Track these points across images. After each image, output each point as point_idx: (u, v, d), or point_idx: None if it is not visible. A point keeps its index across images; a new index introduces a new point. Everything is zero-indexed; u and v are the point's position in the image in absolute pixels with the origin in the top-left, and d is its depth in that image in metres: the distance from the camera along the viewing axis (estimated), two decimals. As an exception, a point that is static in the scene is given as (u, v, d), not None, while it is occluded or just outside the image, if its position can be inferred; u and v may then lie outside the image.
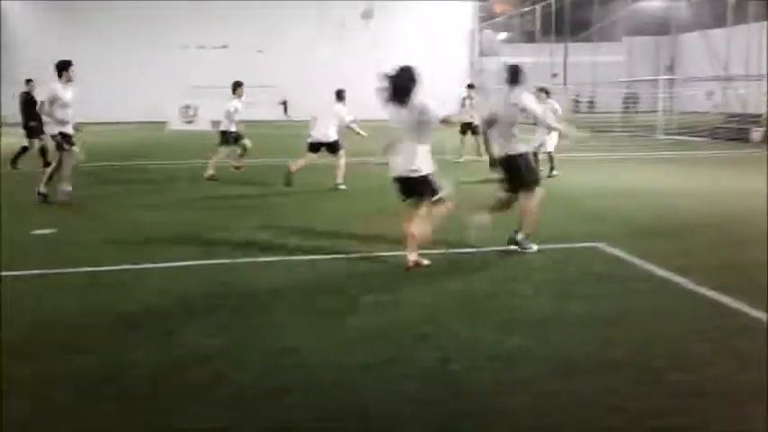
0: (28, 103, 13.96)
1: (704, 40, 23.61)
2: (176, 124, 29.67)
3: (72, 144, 9.88)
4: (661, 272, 5.97)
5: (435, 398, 3.64)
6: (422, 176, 6.06)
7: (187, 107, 30.20)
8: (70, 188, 9.90)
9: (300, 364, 4.09)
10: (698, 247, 7.08)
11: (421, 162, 6.05)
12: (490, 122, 6.90)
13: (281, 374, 3.95)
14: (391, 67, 6.01)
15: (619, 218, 8.65)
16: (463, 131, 15.67)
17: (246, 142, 13.05)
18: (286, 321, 4.83)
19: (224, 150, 12.94)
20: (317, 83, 39.68)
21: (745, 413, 3.45)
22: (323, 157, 11.60)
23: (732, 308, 5.01)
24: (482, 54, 45.47)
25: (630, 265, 6.29)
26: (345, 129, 11.76)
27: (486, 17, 49.16)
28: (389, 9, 44.40)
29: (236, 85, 12.77)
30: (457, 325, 4.72)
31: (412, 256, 6.16)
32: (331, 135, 11.47)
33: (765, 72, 22.42)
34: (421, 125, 5.97)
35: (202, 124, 26.35)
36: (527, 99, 6.84)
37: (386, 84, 6.03)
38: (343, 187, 11.22)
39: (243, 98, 12.85)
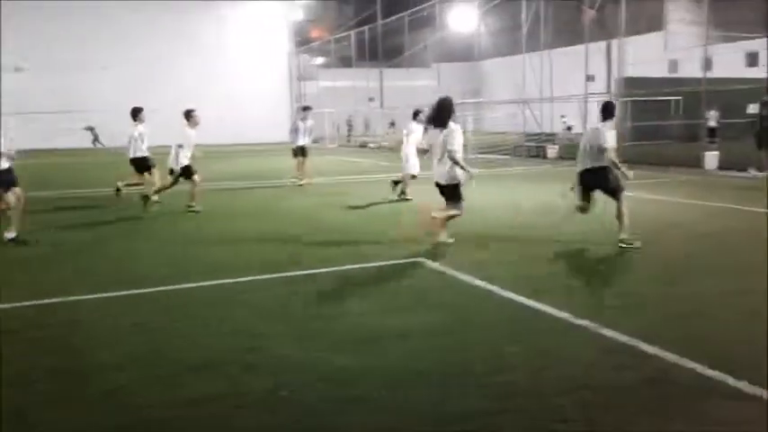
0: None
1: (503, 66, 25.69)
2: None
3: None
4: (477, 281, 6.36)
5: (268, 426, 3.58)
6: (453, 184, 7.85)
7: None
8: None
9: (125, 404, 3.83)
10: (509, 257, 7.62)
11: (455, 173, 7.77)
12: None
13: (107, 417, 3.67)
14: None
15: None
16: (295, 155, 15.54)
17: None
18: (107, 360, 4.51)
19: (149, 176, 12.24)
20: (128, 106, 37.82)
21: (559, 407, 3.75)
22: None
23: (541, 310, 5.45)
24: (300, 78, 45.98)
25: (450, 277, 6.63)
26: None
27: (303, 42, 49.80)
28: (207, 37, 43.57)
29: (137, 111, 12.17)
30: (286, 349, 4.69)
31: (441, 237, 7.98)
32: (181, 161, 11.27)
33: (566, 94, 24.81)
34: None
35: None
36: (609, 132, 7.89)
37: (431, 110, 8.01)
38: (197, 209, 11.13)
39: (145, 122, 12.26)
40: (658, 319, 5.22)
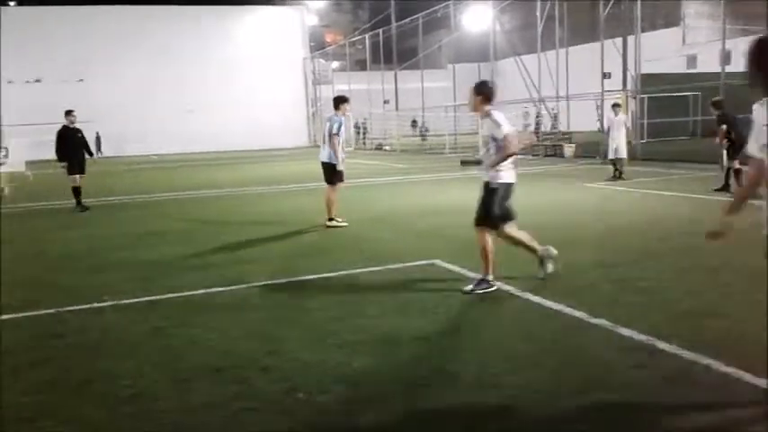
0: None
1: (518, 65, 25.62)
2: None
3: None
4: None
5: (283, 428, 3.60)
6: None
7: (-4, 148, 27.44)
8: None
9: (141, 409, 3.87)
10: (521, 256, 7.56)
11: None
12: None
13: (123, 423, 3.72)
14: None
15: (451, 234, 9.07)
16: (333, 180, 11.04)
17: None
18: (114, 366, 4.56)
19: None
20: (137, 114, 37.83)
21: (568, 407, 3.73)
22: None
23: (555, 310, 5.42)
24: (315, 82, 46.15)
25: (464, 279, 6.60)
26: None
27: (318, 46, 50.03)
28: (222, 43, 43.85)
29: None
30: (302, 352, 4.70)
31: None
32: None
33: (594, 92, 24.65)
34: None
35: (16, 165, 23.79)
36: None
37: None
38: None
39: None
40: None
